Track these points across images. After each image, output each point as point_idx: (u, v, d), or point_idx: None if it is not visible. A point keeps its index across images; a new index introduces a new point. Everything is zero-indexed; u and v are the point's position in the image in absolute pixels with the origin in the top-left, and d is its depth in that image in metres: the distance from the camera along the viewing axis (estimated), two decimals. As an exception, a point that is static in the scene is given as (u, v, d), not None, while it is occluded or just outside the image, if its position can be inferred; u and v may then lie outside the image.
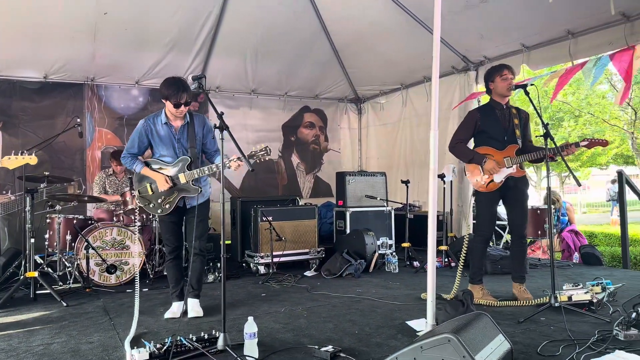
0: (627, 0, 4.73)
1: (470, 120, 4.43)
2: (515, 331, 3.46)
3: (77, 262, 5.22)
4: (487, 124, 4.35)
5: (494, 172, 4.23)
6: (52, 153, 7.13)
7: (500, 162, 4.24)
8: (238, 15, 6.74)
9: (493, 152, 4.29)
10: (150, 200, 4.05)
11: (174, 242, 4.15)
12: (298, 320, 3.85)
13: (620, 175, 6.29)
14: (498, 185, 4.27)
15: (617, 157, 17.09)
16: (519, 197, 4.37)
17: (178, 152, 4.01)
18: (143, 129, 4.01)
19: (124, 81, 7.58)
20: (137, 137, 4.03)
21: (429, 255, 3.22)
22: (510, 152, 4.27)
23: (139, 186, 4.09)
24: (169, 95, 3.86)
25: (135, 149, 4.04)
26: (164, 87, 3.90)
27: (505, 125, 4.33)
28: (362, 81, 8.83)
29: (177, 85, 3.87)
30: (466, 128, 4.43)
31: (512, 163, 4.23)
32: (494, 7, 5.66)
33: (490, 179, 4.26)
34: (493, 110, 4.38)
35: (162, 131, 4.00)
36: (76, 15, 6.06)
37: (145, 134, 4.01)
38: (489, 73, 4.42)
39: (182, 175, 3.95)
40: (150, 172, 4.01)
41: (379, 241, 6.31)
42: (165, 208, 4.01)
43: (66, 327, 3.80)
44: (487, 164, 4.22)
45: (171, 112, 3.94)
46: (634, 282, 5.03)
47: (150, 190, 4.03)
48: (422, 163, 7.98)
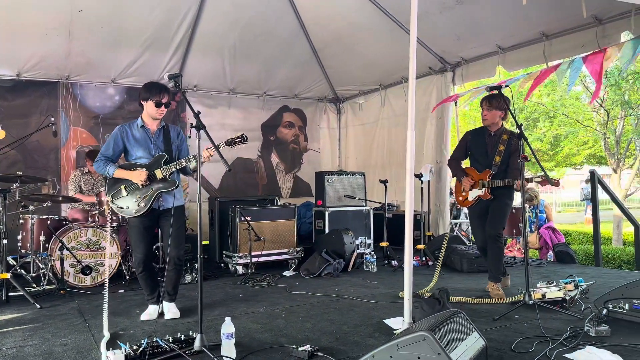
0: (599, 4, 4.83)
1: (462, 141, 4.90)
2: (490, 328, 3.52)
3: (51, 263, 5.12)
4: (474, 146, 4.78)
5: (465, 188, 4.71)
6: (26, 152, 6.99)
7: (476, 183, 4.66)
8: (216, 14, 6.69)
9: (474, 173, 4.71)
10: (124, 204, 3.92)
11: (144, 250, 3.98)
12: (276, 320, 3.85)
13: (592, 175, 6.43)
14: (471, 202, 4.71)
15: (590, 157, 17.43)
16: (496, 204, 4.59)
17: (154, 152, 3.97)
18: (119, 132, 3.98)
19: (99, 79, 7.46)
20: (112, 141, 3.97)
21: (406, 254, 3.24)
22: (484, 176, 4.62)
23: (112, 190, 3.97)
24: (150, 95, 3.87)
25: (110, 152, 3.97)
26: (144, 89, 3.93)
27: (489, 151, 4.64)
28: (341, 81, 8.86)
29: (158, 86, 3.94)
30: (459, 147, 4.91)
31: (482, 186, 4.59)
32: (470, 9, 5.73)
33: (465, 196, 4.74)
34: (483, 136, 4.72)
35: (138, 134, 3.99)
36: (51, 12, 5.95)
37: (120, 137, 3.97)
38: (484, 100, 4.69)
39: (158, 171, 3.89)
40: (124, 172, 3.92)
41: (357, 240, 6.34)
42: (141, 207, 3.89)
43: (40, 329, 3.73)
44: (463, 181, 4.72)
45: (150, 113, 3.93)
46: (606, 279, 5.15)
47: (124, 192, 3.93)
48: (400, 163, 8.04)
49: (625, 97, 11.05)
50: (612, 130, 11.77)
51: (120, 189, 3.94)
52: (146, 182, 3.86)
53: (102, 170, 3.95)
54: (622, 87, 10.82)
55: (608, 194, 6.66)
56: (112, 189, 3.97)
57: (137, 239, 3.99)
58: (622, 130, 11.65)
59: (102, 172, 3.96)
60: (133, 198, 3.91)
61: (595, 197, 6.47)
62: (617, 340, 3.16)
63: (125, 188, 3.93)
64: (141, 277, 4.03)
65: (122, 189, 3.93)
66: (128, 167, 3.95)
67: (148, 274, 4.05)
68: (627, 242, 10.77)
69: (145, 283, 4.06)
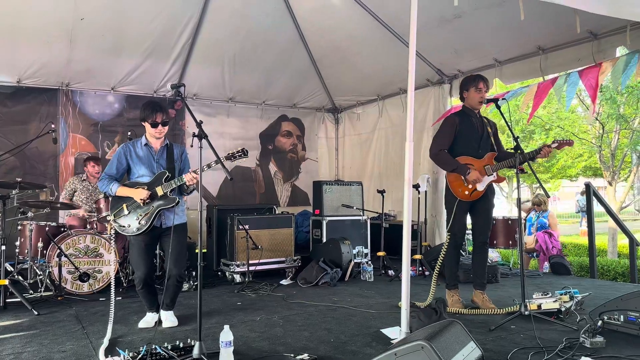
0: (594, 19, 4.91)
1: (450, 126, 4.44)
2: (486, 339, 3.55)
3: (49, 269, 5.13)
4: (465, 129, 4.40)
5: (478, 182, 4.29)
6: (25, 159, 7.01)
7: (481, 170, 4.32)
8: (217, 23, 6.76)
9: (473, 162, 4.35)
10: (126, 223, 3.92)
11: (144, 269, 3.96)
12: (274, 329, 3.87)
13: (588, 188, 6.49)
14: (481, 193, 4.35)
15: (586, 169, 17.56)
16: (486, 205, 4.49)
17: (156, 171, 4.00)
18: (122, 151, 4.03)
19: (99, 87, 7.51)
20: (116, 159, 4.02)
21: (404, 264, 3.28)
22: (490, 160, 4.37)
23: (114, 209, 3.98)
24: (145, 116, 3.93)
25: (113, 171, 4.00)
26: (141, 110, 3.98)
27: (479, 132, 4.43)
28: (339, 91, 8.93)
29: (153, 106, 3.95)
30: (448, 134, 4.43)
31: (493, 171, 4.33)
32: (467, 22, 5.81)
33: (474, 187, 4.32)
34: (469, 117, 4.46)
35: (142, 152, 4.03)
36: (52, 20, 6.00)
37: (124, 156, 4.01)
38: (465, 82, 4.51)
39: (159, 188, 3.89)
40: (126, 190, 3.94)
41: (354, 250, 6.36)
42: (141, 224, 3.88)
43: (37, 336, 3.74)
44: (471, 174, 4.26)
45: (150, 133, 3.99)
46: (601, 291, 5.18)
47: (126, 210, 3.93)
48: (396, 173, 8.09)
49: (620, 111, 11.16)
50: (608, 143, 11.88)
51: (122, 208, 3.94)
52: (147, 200, 3.86)
53: (106, 188, 3.97)
54: (617, 101, 10.93)
55: (603, 206, 6.72)
56: (114, 208, 3.99)
57: (138, 257, 3.98)
58: (617, 143, 11.76)
59: (106, 190, 3.98)
60: (134, 216, 3.91)
61: (591, 209, 6.53)
62: (611, 352, 3.19)
63: (127, 206, 3.93)
64: (141, 293, 4.05)
65: (123, 207, 3.94)
66: (130, 185, 3.98)
67: (148, 290, 4.05)
68: (622, 255, 10.82)
69: (145, 298, 4.08)
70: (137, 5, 6.09)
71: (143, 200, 3.85)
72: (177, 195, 3.95)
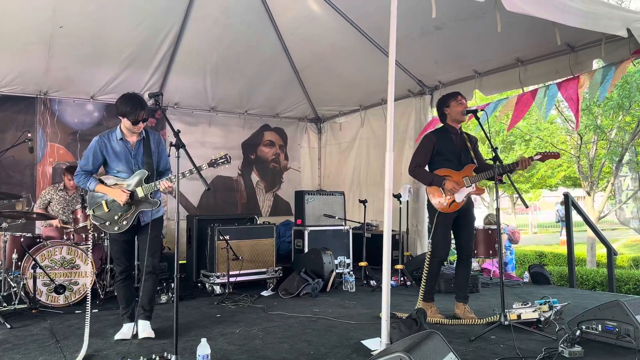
0: (572, 32, 4.97)
1: (427, 144, 4.55)
2: (466, 349, 3.54)
3: (24, 282, 5.00)
4: (443, 146, 4.50)
5: (454, 191, 4.35)
6: (1, 168, 6.86)
7: (460, 182, 4.38)
8: (198, 33, 6.72)
9: (451, 173, 4.43)
10: (105, 219, 3.91)
11: (125, 262, 4.05)
12: (253, 342, 3.82)
13: (566, 198, 6.56)
14: (460, 204, 4.39)
15: (565, 179, 17.81)
16: (469, 219, 4.57)
17: (134, 167, 3.94)
18: (97, 145, 3.92)
19: (78, 96, 7.40)
20: (91, 154, 3.92)
21: (384, 275, 3.27)
22: (469, 172, 4.42)
23: (93, 205, 3.95)
24: (126, 112, 3.81)
25: (89, 166, 3.93)
26: (121, 103, 3.85)
27: (459, 147, 4.51)
28: (322, 101, 8.94)
29: (135, 102, 3.83)
30: (424, 152, 4.55)
31: (471, 182, 4.38)
32: (448, 34, 5.87)
33: (452, 199, 4.37)
34: (448, 134, 4.56)
35: (118, 147, 3.93)
36: (30, 27, 5.90)
37: (99, 151, 3.92)
38: (443, 100, 4.61)
39: (139, 189, 3.86)
40: (105, 188, 3.89)
41: (336, 260, 6.34)
42: (122, 225, 3.89)
43: (9, 351, 3.63)
44: (447, 184, 4.34)
45: (128, 128, 3.90)
46: (579, 300, 5.23)
47: (105, 208, 3.89)
48: (378, 183, 8.10)
49: (598, 122, 11.36)
50: (586, 154, 12.07)
51: (101, 204, 3.91)
52: (127, 202, 3.83)
53: (83, 184, 3.93)
54: (594, 112, 11.13)
55: (582, 216, 6.81)
56: (93, 204, 3.95)
57: (119, 252, 4.02)
58: (595, 154, 11.95)
59: (83, 186, 3.94)
60: (114, 215, 3.89)
61: (569, 219, 6.60)
62: (589, 361, 3.21)
63: (107, 204, 3.89)
64: (121, 286, 4.04)
65: (102, 204, 3.90)
66: (110, 183, 3.92)
67: (128, 282, 4.08)
68: (601, 264, 10.98)
69: (123, 293, 4.04)
70: (117, 14, 6.02)
71: (123, 202, 3.82)
72: (158, 194, 3.94)
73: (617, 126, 11.50)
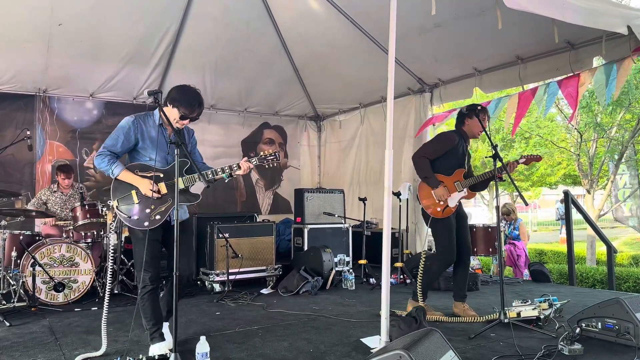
0: (572, 30, 4.97)
1: (447, 141, 4.47)
2: (466, 347, 3.54)
3: (23, 279, 4.99)
4: (456, 151, 4.46)
5: (443, 198, 4.36)
6: (0, 166, 6.85)
7: (451, 187, 4.39)
8: (198, 30, 6.71)
9: (443, 179, 4.42)
10: (132, 214, 3.34)
11: (156, 265, 3.41)
12: (252, 339, 3.81)
13: (566, 196, 6.56)
14: (453, 209, 4.40)
15: (565, 177, 17.79)
16: (462, 218, 4.59)
17: (169, 157, 3.48)
18: (132, 125, 3.38)
19: (77, 93, 7.39)
20: (122, 135, 3.37)
21: (383, 272, 3.27)
22: (459, 177, 4.44)
23: (119, 195, 3.37)
24: (181, 103, 3.36)
25: (117, 148, 3.37)
26: (180, 93, 3.39)
27: (464, 156, 4.55)
28: (321, 99, 8.93)
29: (196, 99, 3.42)
30: (438, 148, 4.48)
31: (463, 186, 4.41)
32: (448, 32, 5.86)
33: (445, 204, 4.37)
34: (463, 142, 4.53)
35: (154, 132, 3.44)
36: (29, 25, 5.89)
37: (134, 133, 3.39)
38: (473, 109, 4.44)
39: (180, 180, 3.28)
40: (131, 176, 3.34)
41: (336, 258, 6.33)
42: (154, 220, 3.33)
43: (8, 349, 3.62)
44: (438, 190, 4.34)
45: (174, 119, 3.38)
46: (579, 298, 5.23)
47: (136, 199, 3.34)
48: (377, 181, 8.10)
49: (598, 120, 11.34)
50: (586, 152, 12.05)
51: (131, 195, 3.35)
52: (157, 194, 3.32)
53: (106, 167, 3.34)
54: (594, 110, 11.12)
55: (582, 214, 6.80)
56: (120, 193, 3.37)
57: (150, 254, 3.36)
58: (594, 152, 11.94)
59: (105, 169, 3.36)
60: (146, 208, 3.35)
61: (569, 217, 6.60)
62: (589, 359, 3.21)
63: (137, 194, 3.36)
64: (150, 298, 3.41)
65: (132, 194, 3.35)
66: (141, 168, 3.40)
67: (157, 293, 3.47)
68: (601, 262, 10.97)
69: (153, 307, 3.43)
70: (115, 12, 6.00)
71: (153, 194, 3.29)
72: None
73: (617, 124, 11.48)
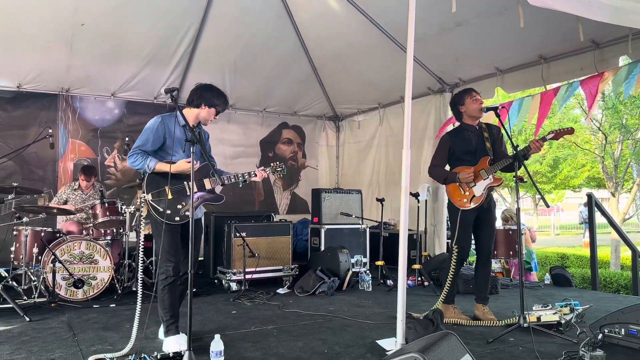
0: (596, 28, 4.86)
1: (443, 146, 4.55)
2: (484, 351, 3.47)
3: (43, 275, 5.07)
4: (458, 146, 4.45)
5: (469, 179, 4.27)
6: (23, 164, 6.99)
7: (477, 175, 4.29)
8: (217, 30, 6.75)
9: (467, 169, 4.34)
10: (165, 207, 3.47)
11: (178, 256, 3.57)
12: (267, 339, 3.80)
13: (590, 199, 6.41)
14: (480, 199, 4.27)
15: (589, 180, 17.46)
16: (490, 218, 4.46)
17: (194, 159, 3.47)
18: (158, 125, 3.57)
19: (99, 93, 7.50)
20: (152, 134, 3.54)
21: (400, 274, 3.22)
22: (484, 164, 4.33)
23: (152, 189, 3.51)
24: (216, 103, 3.68)
25: (148, 146, 3.54)
26: (209, 93, 3.67)
27: (475, 143, 4.42)
28: (340, 99, 8.90)
29: (225, 97, 3.81)
30: (441, 153, 4.55)
31: (488, 174, 4.27)
32: (468, 30, 5.77)
33: (472, 193, 4.28)
34: (463, 132, 4.47)
35: (179, 132, 3.62)
36: (52, 26, 5.99)
37: (162, 132, 3.57)
38: (457, 97, 4.51)
39: (207, 181, 3.64)
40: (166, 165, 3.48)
41: (353, 259, 6.29)
42: (184, 216, 3.50)
43: (27, 343, 3.68)
44: (461, 175, 4.30)
45: (205, 118, 3.69)
46: (602, 303, 5.09)
47: (169, 194, 3.48)
48: (396, 181, 7.98)
49: (623, 121, 11.09)
50: (610, 154, 11.79)
51: (165, 190, 3.49)
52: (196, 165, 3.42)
53: (141, 163, 3.48)
54: (620, 111, 10.87)
55: (606, 217, 6.64)
56: (153, 187, 3.52)
57: (174, 244, 3.55)
58: (620, 154, 11.67)
59: (141, 166, 3.49)
60: (177, 204, 3.52)
61: (593, 220, 6.45)
62: (612, 366, 3.12)
63: (171, 190, 3.50)
64: (170, 289, 3.55)
65: (167, 190, 3.49)
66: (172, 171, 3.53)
67: (175, 287, 3.60)
68: (625, 267, 10.72)
69: (172, 298, 3.58)
70: (137, 12, 6.08)
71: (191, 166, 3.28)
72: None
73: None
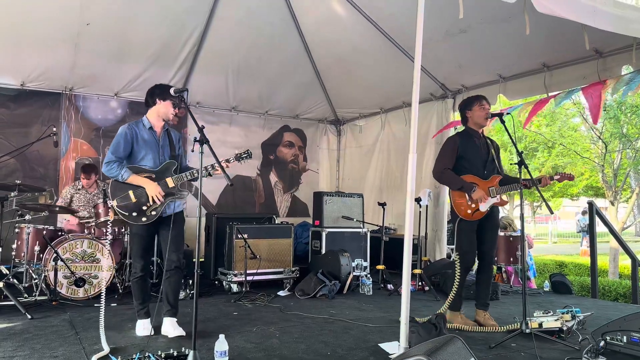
0: (600, 37, 4.89)
1: (452, 146, 4.42)
2: (486, 356, 3.48)
3: (45, 274, 5.07)
4: (466, 150, 4.36)
5: (482, 201, 4.23)
6: (25, 162, 6.99)
7: (486, 191, 4.27)
8: (222, 33, 6.77)
9: (478, 181, 4.29)
10: (132, 210, 3.76)
11: (146, 257, 4.01)
12: (270, 340, 3.80)
13: (591, 207, 6.43)
14: (483, 214, 4.27)
15: (587, 188, 17.51)
16: (493, 225, 4.45)
17: (161, 157, 3.92)
18: (128, 132, 3.85)
19: (102, 92, 7.50)
20: (122, 140, 3.82)
21: (404, 279, 3.23)
22: (494, 182, 4.31)
23: (118, 194, 3.77)
24: (167, 96, 3.87)
25: (120, 152, 3.81)
26: (159, 89, 3.94)
27: (483, 154, 4.39)
28: (342, 103, 8.93)
29: (171, 87, 3.91)
30: (449, 154, 4.41)
31: (497, 193, 4.28)
32: (472, 37, 5.80)
33: (476, 207, 4.25)
34: (471, 138, 4.42)
35: (147, 135, 3.90)
36: (57, 24, 6.00)
37: (130, 139, 3.84)
38: (468, 102, 4.49)
39: (169, 180, 3.83)
40: (139, 179, 3.78)
41: (354, 263, 6.30)
42: (150, 216, 3.79)
43: (29, 340, 3.67)
44: (476, 192, 4.21)
45: (165, 113, 3.92)
46: (603, 311, 5.11)
47: (133, 198, 3.75)
48: (397, 186, 8.05)
49: (624, 130, 11.14)
50: (610, 163, 11.84)
51: (128, 195, 3.76)
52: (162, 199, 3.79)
53: (116, 173, 3.75)
54: (621, 120, 10.92)
55: (607, 226, 6.67)
56: (119, 193, 3.78)
57: (141, 247, 3.94)
58: (619, 163, 11.72)
59: (116, 175, 3.76)
60: (142, 205, 3.78)
61: (593, 228, 6.46)
62: (614, 373, 3.13)
63: (134, 194, 3.77)
64: (139, 282, 3.94)
65: (130, 194, 3.76)
66: (135, 171, 3.82)
67: (145, 280, 4.02)
68: (624, 275, 10.74)
69: (140, 290, 3.95)
70: (142, 13, 6.10)
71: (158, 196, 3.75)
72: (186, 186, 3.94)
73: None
